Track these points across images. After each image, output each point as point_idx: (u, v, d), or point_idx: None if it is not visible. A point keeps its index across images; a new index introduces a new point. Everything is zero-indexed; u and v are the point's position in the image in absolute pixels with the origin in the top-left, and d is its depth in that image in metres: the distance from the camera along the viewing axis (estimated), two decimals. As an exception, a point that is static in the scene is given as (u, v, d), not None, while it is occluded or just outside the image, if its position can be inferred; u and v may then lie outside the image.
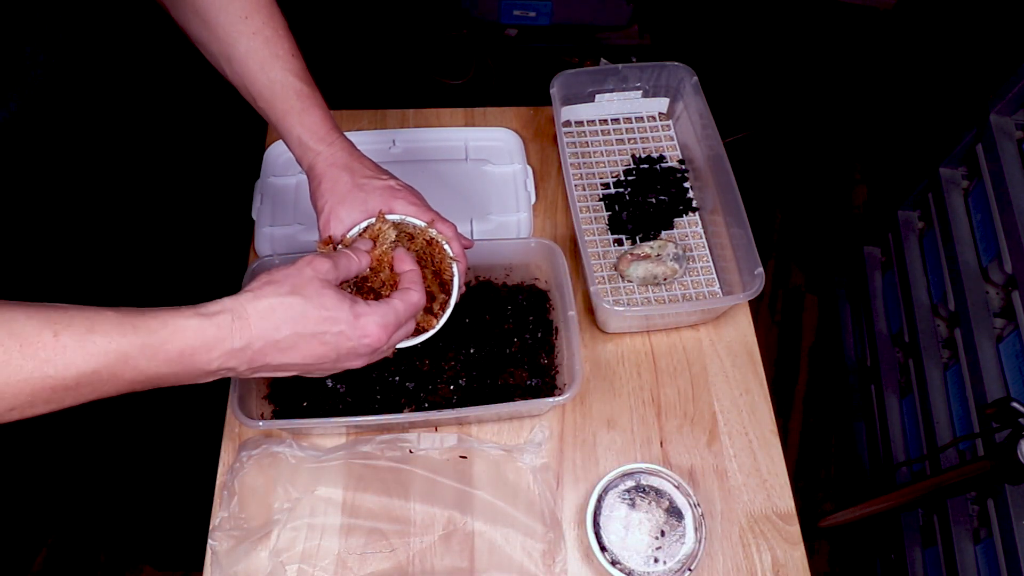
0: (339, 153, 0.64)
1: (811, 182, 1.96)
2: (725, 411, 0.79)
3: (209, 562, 0.68)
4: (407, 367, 0.77)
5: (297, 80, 0.64)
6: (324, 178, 0.63)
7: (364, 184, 0.63)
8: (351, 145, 0.66)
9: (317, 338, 0.52)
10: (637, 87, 0.95)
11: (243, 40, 0.62)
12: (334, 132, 0.65)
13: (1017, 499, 1.02)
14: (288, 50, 0.64)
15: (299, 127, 0.63)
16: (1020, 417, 0.90)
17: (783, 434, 1.55)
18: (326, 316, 0.51)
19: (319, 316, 0.51)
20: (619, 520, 0.69)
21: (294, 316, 0.51)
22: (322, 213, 0.63)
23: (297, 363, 0.52)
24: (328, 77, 1.62)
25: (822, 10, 2.14)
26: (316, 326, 0.51)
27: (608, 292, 0.86)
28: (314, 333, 0.51)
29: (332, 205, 0.63)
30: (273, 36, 0.63)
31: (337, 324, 0.52)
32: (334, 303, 0.52)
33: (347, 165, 0.64)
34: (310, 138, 0.64)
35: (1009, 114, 1.19)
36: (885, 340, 1.51)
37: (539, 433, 0.75)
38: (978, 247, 1.22)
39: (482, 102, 1.01)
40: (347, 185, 0.63)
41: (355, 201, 0.63)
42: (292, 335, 0.51)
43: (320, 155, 0.64)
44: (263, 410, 0.75)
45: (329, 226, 0.63)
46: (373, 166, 0.66)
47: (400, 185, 0.65)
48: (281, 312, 0.50)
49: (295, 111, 0.63)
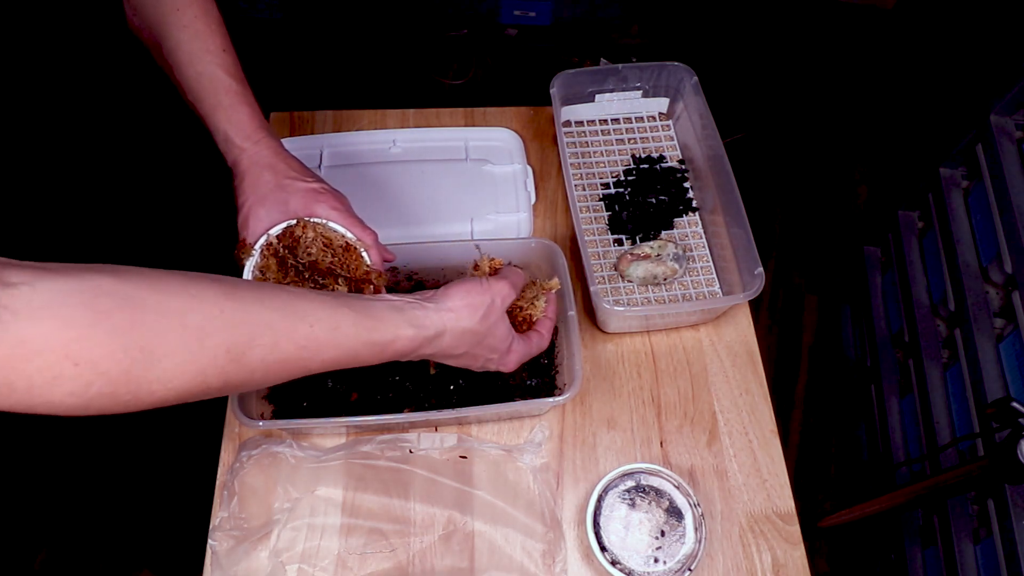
0: (264, 152, 0.63)
1: (811, 182, 1.96)
2: (725, 411, 0.79)
3: (209, 562, 0.68)
4: (407, 367, 0.77)
5: (226, 76, 0.63)
6: (246, 175, 0.63)
7: (287, 184, 0.63)
8: (278, 145, 0.65)
9: (479, 359, 0.62)
10: (637, 87, 0.95)
11: (173, 32, 0.62)
12: (261, 131, 0.64)
13: (1017, 499, 1.02)
14: (219, 45, 0.64)
15: (225, 123, 0.63)
16: (1020, 417, 0.90)
17: (783, 434, 1.55)
18: (494, 346, 0.62)
19: (490, 345, 0.61)
20: (619, 520, 0.69)
21: (474, 341, 0.60)
22: (241, 211, 0.63)
23: (456, 363, 0.62)
24: (328, 77, 1.64)
25: (822, 10, 2.14)
26: (484, 351, 0.61)
27: (608, 292, 0.86)
28: (477, 355, 0.61)
29: (252, 204, 0.62)
30: (205, 30, 0.63)
31: (494, 351, 0.62)
32: (503, 336, 0.62)
33: (271, 164, 0.63)
34: (236, 135, 0.63)
35: (1009, 114, 1.19)
36: (885, 340, 1.51)
37: (539, 433, 0.75)
38: (978, 247, 1.22)
39: (482, 102, 1.01)
40: (269, 184, 0.62)
41: (275, 201, 0.62)
42: (466, 353, 0.60)
43: (244, 152, 0.63)
44: (263, 410, 0.75)
45: (247, 224, 0.62)
46: (299, 167, 0.65)
47: (324, 188, 0.64)
48: (468, 336, 0.59)
49: (222, 107, 0.63)
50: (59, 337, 0.38)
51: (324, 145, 0.94)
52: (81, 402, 0.40)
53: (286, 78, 1.96)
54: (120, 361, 0.40)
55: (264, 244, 0.63)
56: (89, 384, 0.39)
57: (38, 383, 0.38)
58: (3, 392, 0.38)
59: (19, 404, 0.39)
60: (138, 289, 0.41)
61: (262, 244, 0.63)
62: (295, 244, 0.63)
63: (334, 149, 0.94)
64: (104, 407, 0.41)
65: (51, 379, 0.38)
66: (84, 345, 0.39)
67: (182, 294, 0.43)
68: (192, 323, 0.43)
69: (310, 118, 0.97)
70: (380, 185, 0.91)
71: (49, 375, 0.38)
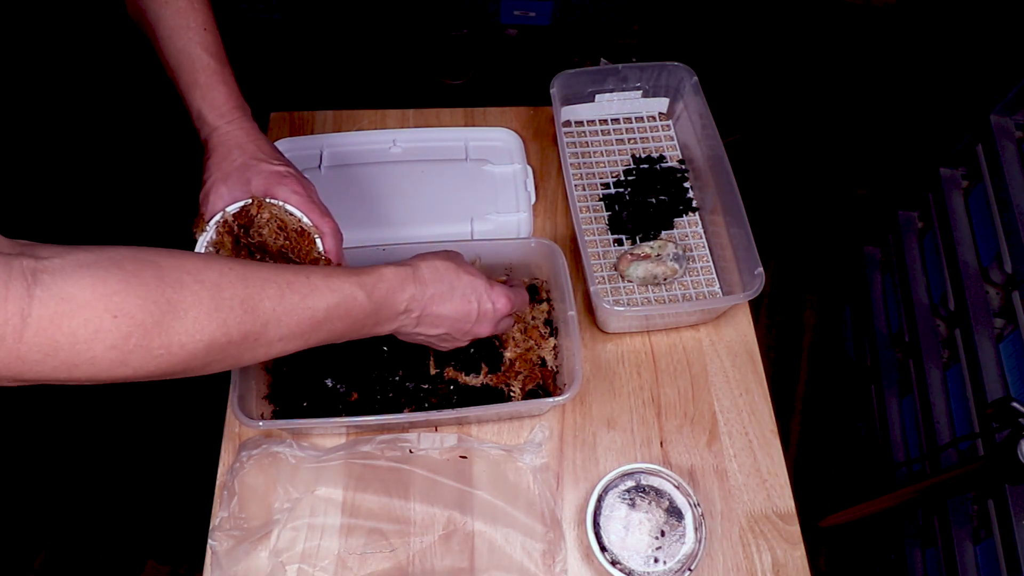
0: (236, 132, 0.64)
1: (811, 182, 1.96)
2: (725, 411, 0.79)
3: (209, 562, 0.68)
4: (408, 367, 0.77)
5: (205, 54, 0.64)
6: (214, 153, 0.64)
7: (252, 165, 0.63)
8: (251, 126, 0.66)
9: (465, 296, 0.63)
10: (637, 87, 0.95)
11: (154, 7, 0.63)
12: (236, 111, 0.65)
13: (1017, 499, 1.02)
14: (201, 23, 0.64)
15: (200, 100, 0.64)
16: (1020, 417, 0.90)
17: (783, 434, 1.55)
18: (473, 280, 0.63)
19: (469, 279, 0.63)
20: (619, 520, 0.69)
21: (451, 275, 0.62)
22: (204, 185, 0.63)
23: (450, 315, 0.62)
24: (328, 77, 1.64)
25: (822, 9, 2.14)
26: (466, 285, 0.63)
27: (608, 292, 0.86)
28: (464, 292, 0.62)
29: (215, 180, 0.63)
30: (187, 7, 0.64)
31: (478, 288, 0.63)
32: (476, 272, 0.64)
33: (240, 144, 0.64)
34: (209, 113, 0.64)
35: (1009, 114, 1.19)
36: (885, 340, 1.51)
37: (539, 433, 0.75)
38: (978, 247, 1.22)
39: (482, 102, 1.01)
40: (235, 163, 0.63)
41: (238, 180, 0.63)
42: (449, 289, 0.62)
43: (217, 130, 0.64)
44: (263, 410, 0.75)
45: (208, 199, 0.63)
46: (270, 150, 0.66)
47: (289, 172, 0.65)
48: (443, 270, 0.62)
49: (198, 84, 0.64)
50: (98, 291, 0.41)
51: (324, 145, 0.94)
52: (120, 356, 0.43)
53: (286, 78, 1.96)
54: (152, 312, 0.43)
55: (220, 221, 0.63)
56: (128, 336, 0.43)
57: (82, 337, 0.41)
58: (48, 353, 0.40)
59: (63, 364, 0.41)
60: (155, 255, 0.46)
61: (217, 220, 0.63)
62: (249, 223, 0.63)
63: (334, 149, 0.94)
64: (141, 363, 0.44)
65: (93, 332, 0.41)
66: (121, 298, 0.42)
67: (192, 258, 0.48)
68: (208, 279, 0.47)
69: (310, 118, 0.97)
70: (380, 185, 0.91)
71: (92, 328, 0.41)
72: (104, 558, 1.36)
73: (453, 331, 0.64)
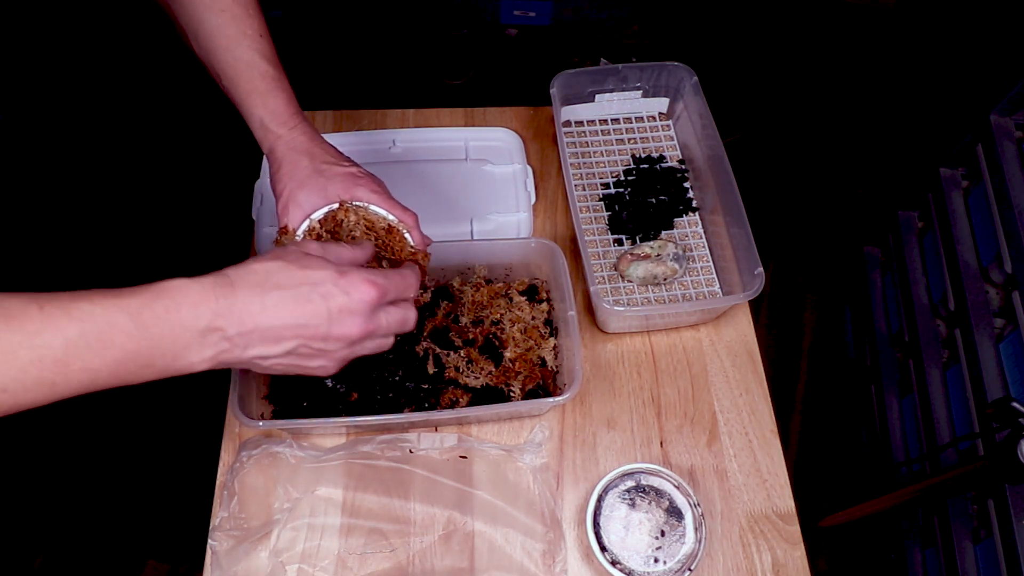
0: (300, 137, 0.63)
1: (811, 182, 1.96)
2: (725, 411, 0.79)
3: (209, 562, 0.68)
4: (408, 367, 0.77)
5: (263, 61, 0.63)
6: (284, 162, 0.63)
7: (324, 170, 0.62)
8: (313, 130, 0.65)
9: (302, 296, 0.49)
10: (637, 87, 0.95)
11: (210, 16, 0.62)
12: (297, 116, 0.64)
13: (1017, 499, 1.02)
14: (256, 29, 0.63)
15: (261, 108, 0.63)
16: (1020, 417, 0.90)
17: (783, 434, 1.55)
18: (307, 274, 0.50)
19: (301, 276, 0.50)
20: (619, 520, 0.69)
21: (278, 274, 0.49)
22: (280, 197, 0.62)
23: (285, 323, 0.49)
24: (329, 77, 1.63)
25: (822, 9, 2.14)
26: (298, 284, 0.49)
27: (608, 292, 0.86)
28: (297, 293, 0.49)
29: (291, 190, 0.62)
30: (242, 14, 0.63)
31: (321, 283, 0.50)
32: (316, 264, 0.51)
33: (307, 150, 0.63)
34: (271, 121, 0.63)
35: (1009, 114, 1.19)
36: (885, 340, 1.51)
37: (539, 433, 0.75)
38: (978, 247, 1.22)
39: (482, 102, 1.01)
40: (307, 170, 0.62)
41: (314, 187, 0.62)
42: (276, 294, 0.48)
43: (281, 138, 0.63)
44: (263, 410, 0.75)
45: (288, 211, 0.62)
46: (335, 152, 0.65)
47: (361, 172, 0.64)
48: (264, 271, 0.49)
49: (258, 92, 0.62)
50: None
51: (324, 145, 0.94)
52: None
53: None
54: None
55: (307, 229, 0.62)
56: None
57: None
58: None
59: None
60: None
61: (304, 229, 0.62)
62: (337, 228, 0.63)
63: (334, 149, 0.94)
64: None
65: None
66: None
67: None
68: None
69: (310, 118, 0.96)
70: (380, 185, 0.91)
71: None
72: (104, 558, 1.36)
73: (306, 343, 0.50)
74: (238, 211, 0.91)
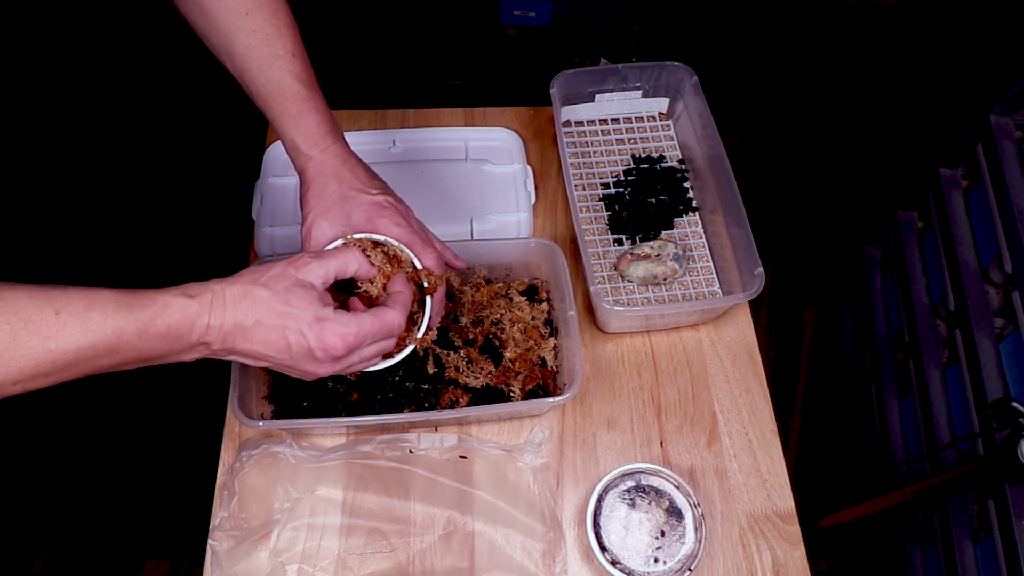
0: (331, 160, 0.63)
1: (811, 182, 1.96)
2: (725, 411, 0.79)
3: (209, 562, 0.68)
4: (408, 367, 0.77)
5: (295, 81, 0.62)
6: (312, 185, 0.62)
7: (351, 197, 0.62)
8: (346, 152, 0.64)
9: (277, 331, 0.53)
10: (637, 87, 0.95)
11: (242, 37, 0.61)
12: (329, 137, 0.63)
13: (1017, 499, 1.02)
14: (289, 49, 0.63)
15: (293, 130, 0.62)
16: (1020, 417, 0.90)
17: (783, 434, 1.55)
18: (287, 312, 0.53)
19: (281, 311, 0.53)
20: (619, 520, 0.69)
21: (262, 305, 0.53)
22: (305, 221, 0.62)
23: (259, 352, 0.54)
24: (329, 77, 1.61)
25: (822, 9, 2.14)
26: (277, 319, 0.53)
27: (608, 292, 0.86)
28: (275, 326, 0.53)
29: (315, 215, 0.62)
30: (274, 34, 0.62)
31: (297, 322, 0.53)
32: (300, 302, 0.53)
33: (337, 174, 0.62)
34: (303, 142, 0.62)
35: (1009, 114, 1.19)
36: (885, 340, 1.51)
37: (539, 433, 0.75)
38: (978, 247, 1.22)
39: (482, 102, 1.00)
40: (333, 196, 0.62)
41: (339, 213, 0.61)
42: (256, 324, 0.52)
43: (312, 160, 0.63)
44: (263, 410, 0.75)
45: (310, 236, 0.62)
46: (366, 177, 0.64)
47: (388, 202, 0.63)
48: (250, 300, 0.53)
49: (290, 114, 0.62)
50: None
51: (324, 145, 0.94)
52: None
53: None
54: None
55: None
56: None
57: None
58: None
59: None
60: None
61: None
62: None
63: (334, 149, 0.94)
64: None
65: None
66: None
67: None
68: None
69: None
70: (380, 185, 0.91)
71: None
72: (105, 556, 1.36)
73: (279, 365, 0.56)
74: (238, 211, 0.91)
